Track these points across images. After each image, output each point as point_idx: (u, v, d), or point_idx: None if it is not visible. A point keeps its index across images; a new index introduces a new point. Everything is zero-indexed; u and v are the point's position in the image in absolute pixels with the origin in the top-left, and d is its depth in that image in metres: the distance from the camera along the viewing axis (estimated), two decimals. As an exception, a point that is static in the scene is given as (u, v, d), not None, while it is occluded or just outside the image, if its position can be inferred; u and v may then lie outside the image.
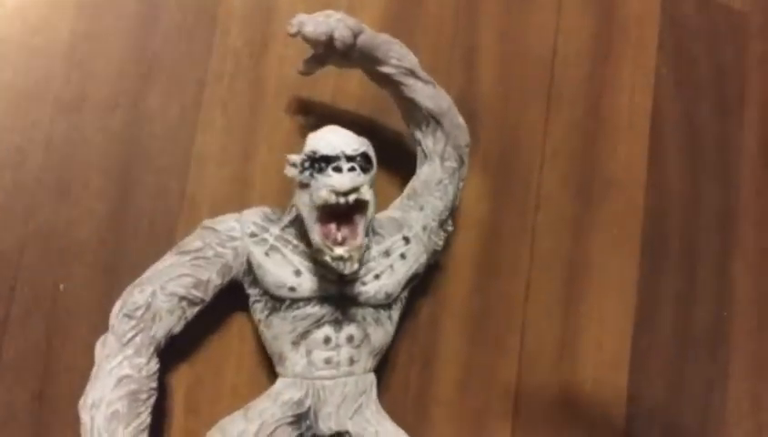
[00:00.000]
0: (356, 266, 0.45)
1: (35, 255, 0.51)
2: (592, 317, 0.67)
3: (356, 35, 0.48)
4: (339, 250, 0.44)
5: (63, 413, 0.50)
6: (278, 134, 0.57)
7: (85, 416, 0.45)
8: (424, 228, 0.53)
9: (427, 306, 0.61)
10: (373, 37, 0.50)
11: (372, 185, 0.47)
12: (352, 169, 0.44)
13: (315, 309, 0.48)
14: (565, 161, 0.67)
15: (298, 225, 0.49)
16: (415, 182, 0.54)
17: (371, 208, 0.46)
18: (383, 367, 0.58)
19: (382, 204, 0.54)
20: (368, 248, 0.49)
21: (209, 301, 0.50)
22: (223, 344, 0.54)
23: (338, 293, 0.49)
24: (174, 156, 0.54)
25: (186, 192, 0.54)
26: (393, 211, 0.53)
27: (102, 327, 0.49)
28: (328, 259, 0.44)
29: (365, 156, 0.46)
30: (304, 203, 0.46)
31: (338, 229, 0.45)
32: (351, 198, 0.44)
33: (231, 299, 0.52)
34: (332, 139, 0.46)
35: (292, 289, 0.48)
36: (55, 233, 0.51)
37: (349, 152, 0.45)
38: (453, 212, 0.56)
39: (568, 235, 0.67)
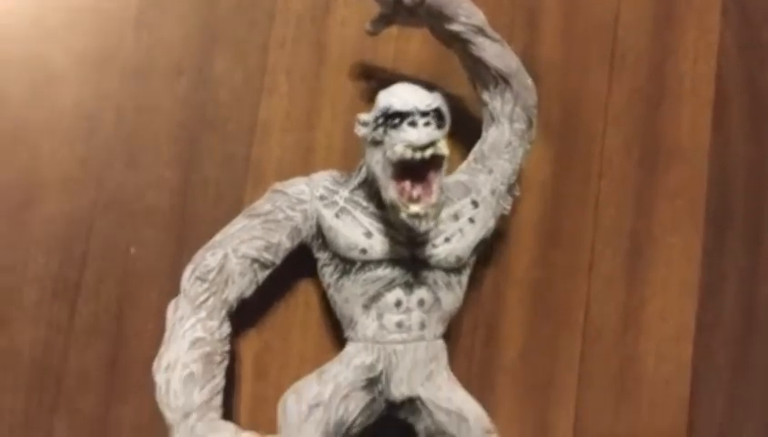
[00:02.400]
0: (431, 224, 0.44)
1: (106, 221, 0.51)
2: (656, 290, 0.65)
3: (426, -7, 0.47)
4: (415, 208, 0.43)
5: (135, 378, 0.50)
6: (341, 98, 0.57)
7: (159, 378, 0.45)
8: (492, 192, 0.52)
9: (490, 274, 0.60)
10: (443, -6, 0.49)
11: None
12: (427, 124, 0.44)
13: (386, 272, 0.47)
14: (628, 128, 0.66)
15: (368, 186, 0.49)
16: (482, 145, 0.53)
17: (445, 165, 0.45)
18: (447, 334, 0.57)
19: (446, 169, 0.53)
20: (442, 206, 0.48)
21: (278, 265, 0.50)
22: (289, 311, 0.54)
23: (409, 256, 0.48)
24: (239, 122, 0.54)
25: (252, 158, 0.54)
26: (460, 175, 0.53)
27: (172, 291, 0.49)
28: (403, 216, 0.44)
29: (438, 111, 0.45)
30: (377, 161, 0.45)
31: (413, 187, 0.44)
32: (428, 153, 0.43)
33: (297, 266, 0.52)
34: (405, 95, 0.45)
35: (363, 251, 0.47)
36: (126, 199, 0.52)
37: (423, 108, 0.45)
38: (519, 176, 0.55)
39: (631, 204, 0.65)
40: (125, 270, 0.51)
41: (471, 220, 0.50)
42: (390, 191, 0.44)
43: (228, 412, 0.49)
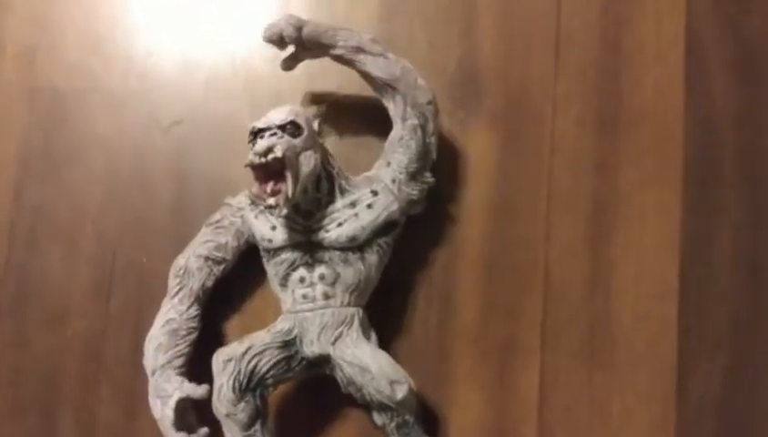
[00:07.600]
0: (284, 211, 0.56)
1: (127, 238, 0.70)
2: (629, 251, 0.66)
3: (299, 29, 0.59)
4: (270, 200, 0.55)
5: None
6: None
7: (145, 348, 0.63)
8: (393, 181, 0.61)
9: (441, 254, 0.66)
10: (317, 27, 0.60)
11: (307, 147, 0.57)
12: (273, 135, 0.56)
13: (288, 255, 0.60)
14: (580, 101, 0.68)
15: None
16: (385, 144, 0.62)
17: (303, 164, 0.56)
18: (401, 312, 0.65)
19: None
20: (305, 193, 0.58)
21: (232, 261, 0.64)
22: (264, 298, 0.67)
23: (306, 240, 0.60)
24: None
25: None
26: (369, 172, 0.63)
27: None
28: (263, 206, 0.57)
29: (293, 123, 0.57)
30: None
31: (275, 184, 0.55)
32: (269, 157, 0.54)
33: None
34: (270, 114, 0.58)
35: (270, 240, 0.60)
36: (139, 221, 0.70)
37: (278, 122, 0.57)
38: (427, 165, 0.62)
39: (590, 172, 0.67)
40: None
41: (369, 206, 0.60)
42: (253, 189, 0.57)
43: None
